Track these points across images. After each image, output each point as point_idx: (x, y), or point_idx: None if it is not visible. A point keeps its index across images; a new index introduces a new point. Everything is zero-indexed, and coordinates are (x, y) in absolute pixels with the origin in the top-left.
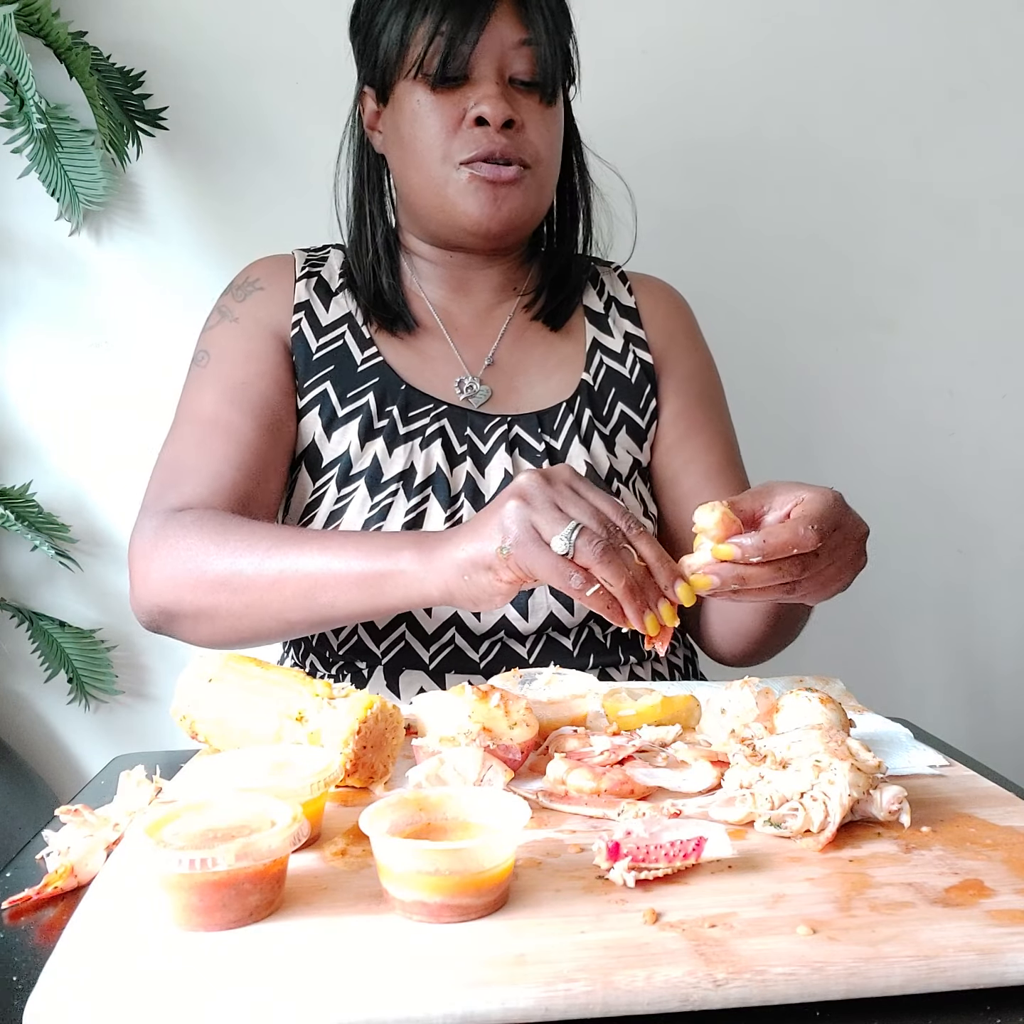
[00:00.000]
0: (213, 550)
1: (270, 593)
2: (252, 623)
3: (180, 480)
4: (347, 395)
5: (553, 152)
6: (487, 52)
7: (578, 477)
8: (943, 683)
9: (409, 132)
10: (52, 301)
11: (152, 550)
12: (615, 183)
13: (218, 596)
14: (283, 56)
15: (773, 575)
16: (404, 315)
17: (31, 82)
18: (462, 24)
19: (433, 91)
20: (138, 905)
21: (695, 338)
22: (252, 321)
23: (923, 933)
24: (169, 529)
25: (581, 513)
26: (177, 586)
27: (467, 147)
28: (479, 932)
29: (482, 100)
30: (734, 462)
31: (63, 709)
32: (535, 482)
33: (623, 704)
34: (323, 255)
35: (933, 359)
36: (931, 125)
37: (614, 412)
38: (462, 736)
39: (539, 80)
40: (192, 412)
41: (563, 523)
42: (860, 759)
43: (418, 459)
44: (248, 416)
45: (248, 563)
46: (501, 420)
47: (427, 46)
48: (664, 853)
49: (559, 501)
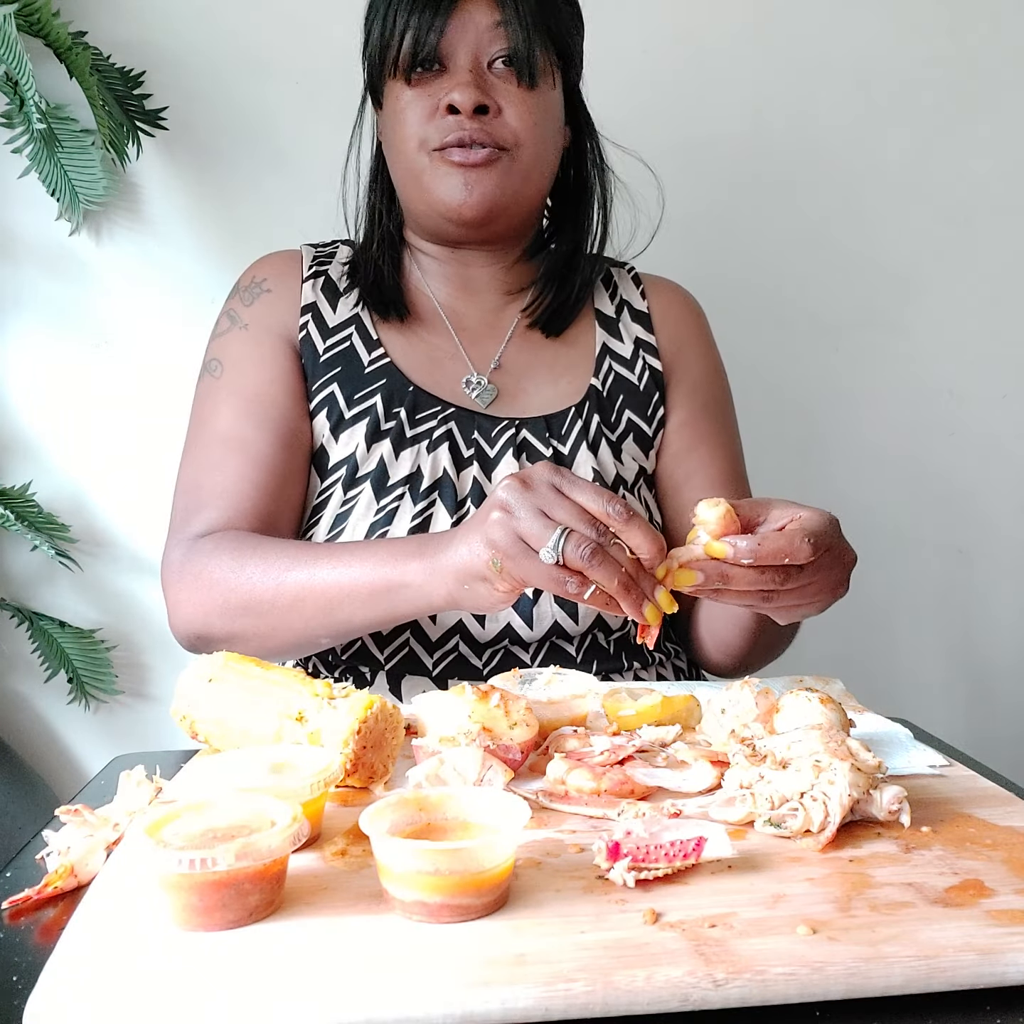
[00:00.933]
0: (232, 577)
1: (291, 614)
2: (280, 643)
3: (202, 505)
4: (354, 397)
5: (538, 135)
6: (459, 39)
7: (558, 472)
8: (943, 683)
9: (392, 129)
10: (52, 301)
11: (179, 580)
12: (635, 173)
13: (244, 621)
14: (283, 56)
15: (756, 579)
16: (397, 303)
17: (31, 82)
18: (431, 14)
19: (410, 85)
20: (138, 905)
21: (706, 344)
22: (262, 328)
23: (923, 933)
24: (193, 557)
25: (566, 515)
26: (206, 614)
27: (439, 134)
28: (479, 932)
29: (453, 88)
30: (738, 474)
31: (63, 709)
32: (516, 489)
33: (623, 704)
34: (331, 251)
35: (933, 359)
36: (931, 125)
37: (622, 419)
38: (462, 736)
39: (513, 60)
40: (209, 429)
41: (549, 530)
42: (860, 759)
43: (425, 463)
44: (264, 431)
45: (265, 588)
46: (509, 424)
47: (400, 41)
48: (664, 853)
49: (543, 506)
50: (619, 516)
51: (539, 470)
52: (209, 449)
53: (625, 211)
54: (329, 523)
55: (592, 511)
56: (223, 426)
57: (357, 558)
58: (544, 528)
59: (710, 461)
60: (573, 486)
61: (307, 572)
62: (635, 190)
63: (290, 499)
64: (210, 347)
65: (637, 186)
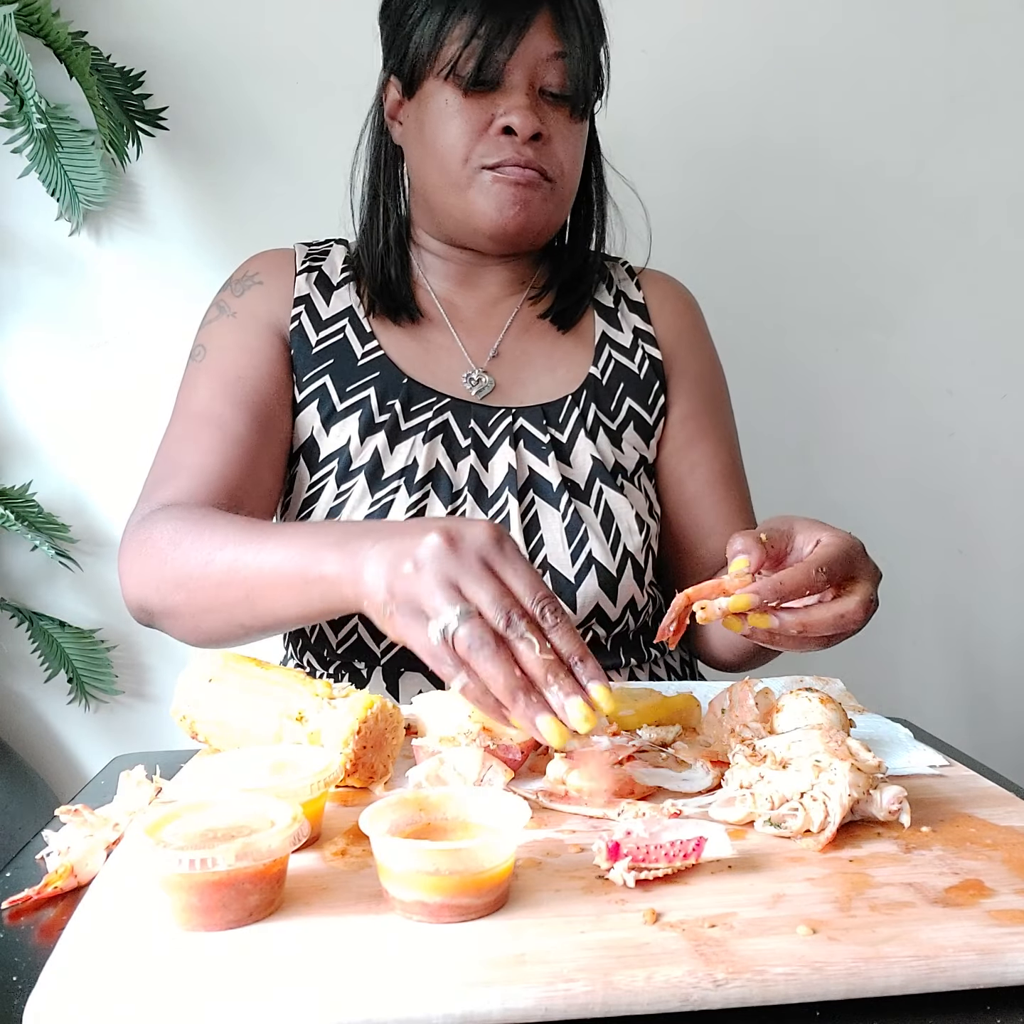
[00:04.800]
0: (168, 549)
1: (217, 597)
2: (211, 626)
3: (170, 475)
4: (346, 389)
5: (576, 167)
6: (521, 61)
7: (498, 543)
8: (943, 683)
9: (432, 131)
10: (52, 301)
11: (127, 548)
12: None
13: (176, 597)
14: (283, 56)
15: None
16: (408, 305)
17: (31, 82)
18: (500, 30)
19: (464, 94)
20: (138, 905)
21: (702, 337)
22: (250, 316)
23: (923, 933)
24: (144, 525)
25: (481, 596)
26: (144, 584)
27: (492, 153)
28: (479, 932)
29: (512, 110)
30: (736, 467)
31: (63, 709)
32: (438, 550)
33: (623, 704)
34: (324, 249)
35: (933, 359)
36: (931, 125)
37: (622, 407)
38: (462, 736)
39: (570, 94)
40: (186, 407)
41: (450, 605)
42: (860, 759)
43: (420, 454)
44: (240, 410)
45: (195, 564)
46: (505, 412)
47: (462, 48)
48: (664, 853)
49: (458, 577)
50: (549, 615)
51: (478, 533)
52: (185, 425)
53: (624, 212)
54: (322, 517)
55: (519, 597)
56: (201, 404)
57: (283, 542)
58: (444, 603)
59: (713, 455)
60: (507, 565)
61: (234, 553)
62: (633, 195)
63: (263, 481)
64: (197, 335)
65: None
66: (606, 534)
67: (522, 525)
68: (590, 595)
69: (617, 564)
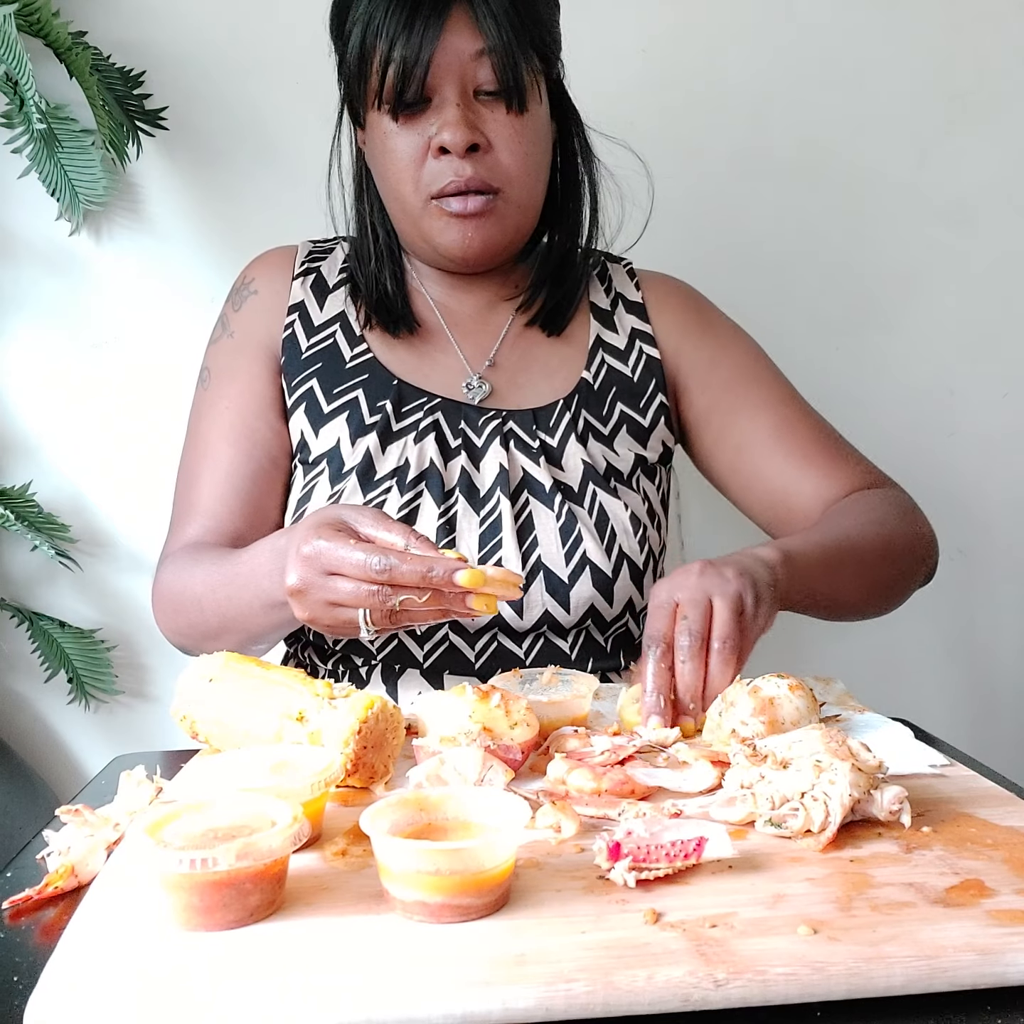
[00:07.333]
0: (177, 592)
1: (218, 627)
2: (225, 645)
3: (184, 520)
4: (333, 391)
5: (529, 165)
6: (445, 71)
7: (335, 529)
8: (943, 683)
9: (381, 163)
10: (52, 301)
11: (154, 588)
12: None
13: (189, 631)
14: (283, 56)
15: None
16: (407, 318)
17: (31, 82)
18: (414, 46)
19: (396, 120)
20: (138, 905)
21: (708, 323)
22: (246, 336)
23: (924, 933)
24: (165, 567)
25: (353, 596)
26: (166, 622)
27: (435, 180)
28: (479, 932)
29: (443, 127)
30: (787, 420)
31: (63, 709)
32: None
33: (638, 718)
34: (330, 247)
35: (933, 359)
36: (932, 126)
37: (614, 412)
38: (463, 736)
39: (502, 89)
40: (195, 442)
41: (350, 612)
42: (861, 759)
43: (412, 454)
44: (243, 454)
45: (192, 607)
46: (496, 414)
47: (382, 75)
48: (665, 853)
49: (329, 596)
50: (412, 542)
51: (318, 546)
52: (193, 462)
53: (616, 203)
54: None
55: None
56: (203, 440)
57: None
58: (342, 614)
59: (752, 428)
60: (346, 548)
61: (213, 593)
62: (627, 181)
63: (267, 514)
64: (206, 353)
65: (629, 177)
66: (601, 535)
67: (515, 525)
68: (584, 596)
69: (612, 565)
